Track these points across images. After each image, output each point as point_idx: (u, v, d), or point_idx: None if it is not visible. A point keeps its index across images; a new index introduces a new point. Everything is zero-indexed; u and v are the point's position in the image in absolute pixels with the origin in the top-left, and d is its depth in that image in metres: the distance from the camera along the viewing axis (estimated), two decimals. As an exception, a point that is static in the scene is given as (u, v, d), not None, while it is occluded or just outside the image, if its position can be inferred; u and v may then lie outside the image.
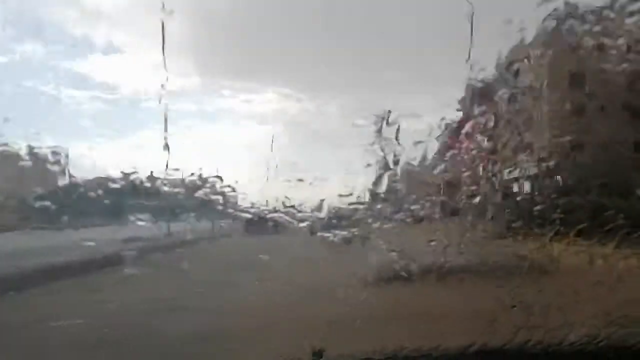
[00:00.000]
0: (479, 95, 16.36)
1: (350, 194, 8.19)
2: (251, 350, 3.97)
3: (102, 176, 10.29)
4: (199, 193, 9.51)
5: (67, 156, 15.38)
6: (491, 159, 15.27)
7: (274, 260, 8.15)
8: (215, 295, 7.10)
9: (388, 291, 6.59)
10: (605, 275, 4.48)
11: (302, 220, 7.89)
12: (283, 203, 9.02)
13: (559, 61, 15.92)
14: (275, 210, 9.07)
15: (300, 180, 7.97)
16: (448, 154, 13.66)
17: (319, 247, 8.95)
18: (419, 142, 9.07)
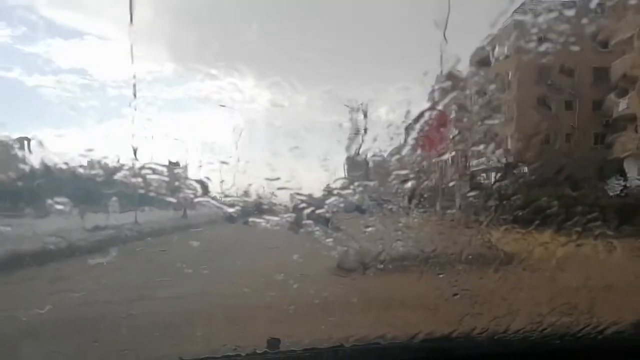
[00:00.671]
0: (449, 87, 16.51)
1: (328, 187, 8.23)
2: (208, 338, 4.00)
3: (69, 164, 10.11)
4: (174, 184, 9.47)
5: (30, 143, 15.10)
6: (452, 151, 15.48)
7: (235, 251, 8.16)
8: (181, 284, 7.09)
9: (331, 281, 6.67)
10: (545, 262, 4.61)
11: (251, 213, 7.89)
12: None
13: (525, 55, 16.21)
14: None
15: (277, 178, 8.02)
16: (415, 146, 13.74)
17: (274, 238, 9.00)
18: (392, 137, 9.17)
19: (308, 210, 10.40)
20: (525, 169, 14.36)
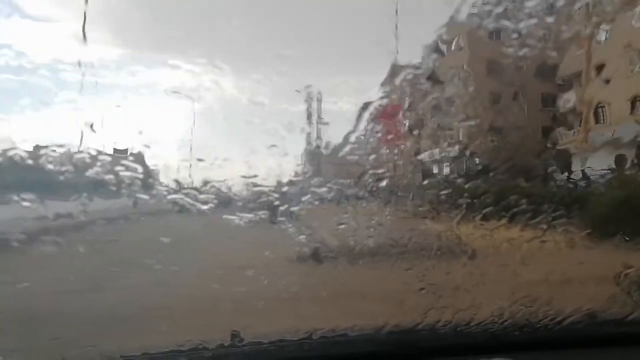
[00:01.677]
0: (402, 78, 16.66)
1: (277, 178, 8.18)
2: (166, 331, 3.91)
3: (15, 150, 9.69)
4: (116, 170, 9.16)
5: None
6: (405, 142, 15.70)
7: (188, 241, 8.03)
8: (131, 274, 6.94)
9: (300, 273, 6.66)
10: (510, 257, 4.75)
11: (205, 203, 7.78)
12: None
13: (477, 48, 16.51)
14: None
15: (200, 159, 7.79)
16: (369, 136, 13.87)
17: (233, 230, 8.90)
18: (348, 131, 9.15)
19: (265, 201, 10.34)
20: (476, 160, 14.70)
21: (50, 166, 8.88)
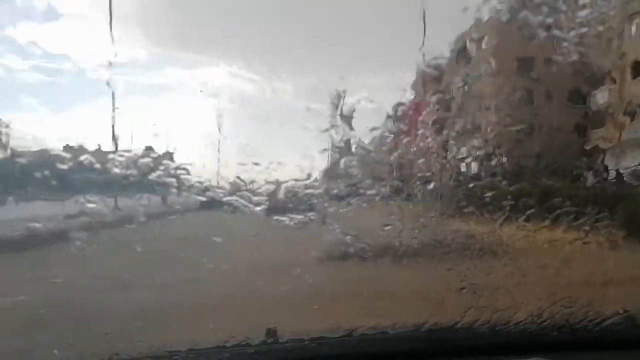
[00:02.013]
0: (433, 78, 16.55)
1: (307, 178, 8.22)
2: (201, 328, 3.95)
3: (45, 150, 9.92)
4: (152, 175, 9.35)
5: (7, 128, 14.83)
6: (443, 142, 15.58)
7: (227, 240, 8.10)
8: (164, 273, 7.03)
9: (343, 272, 6.71)
10: (552, 258, 4.71)
11: (257, 204, 7.87)
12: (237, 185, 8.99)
13: (509, 48, 16.31)
14: (232, 193, 9.02)
15: (256, 163, 7.94)
16: (402, 137, 13.84)
17: (274, 229, 8.97)
18: (374, 128, 9.19)
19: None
20: (509, 160, 14.51)
21: (80, 164, 8.99)
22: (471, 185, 8.98)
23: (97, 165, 9.09)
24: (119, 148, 8.61)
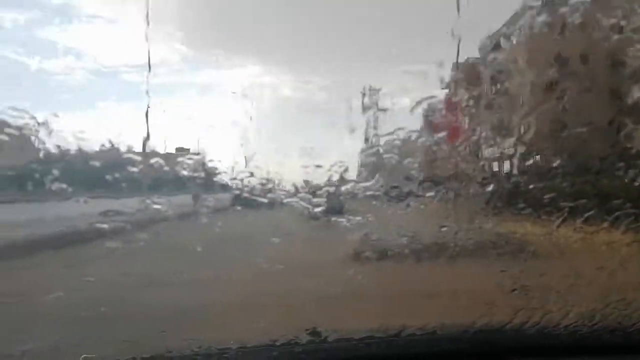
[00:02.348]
0: (466, 74, 16.34)
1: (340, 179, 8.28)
2: (240, 327, 3.94)
3: (81, 149, 10.10)
4: (196, 174, 9.54)
5: (42, 127, 15.11)
6: (484, 142, 15.36)
7: (264, 238, 8.15)
8: (199, 270, 7.07)
9: (393, 272, 6.73)
10: (608, 260, 4.60)
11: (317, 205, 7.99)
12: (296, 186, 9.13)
13: (542, 41, 15.98)
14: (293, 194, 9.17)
15: (319, 166, 8.08)
16: (438, 134, 13.71)
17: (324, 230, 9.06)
18: (399, 128, 9.15)
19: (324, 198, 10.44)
20: (538, 158, 14.23)
21: (115, 163, 9.19)
22: (530, 186, 8.86)
23: (132, 165, 9.22)
24: (153, 148, 8.74)
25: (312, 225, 8.99)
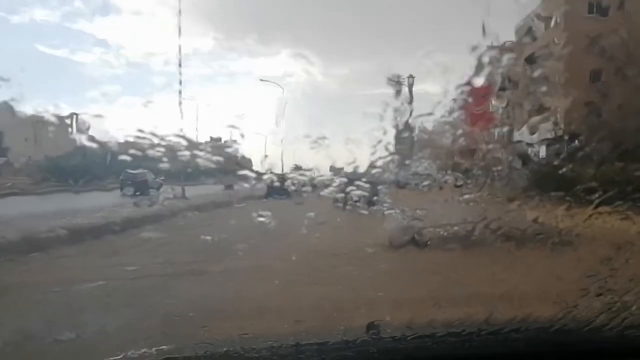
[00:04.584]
0: (498, 60, 15.99)
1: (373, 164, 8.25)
2: (280, 319, 3.93)
3: (117, 140, 10.23)
4: (229, 164, 9.66)
5: (79, 120, 15.40)
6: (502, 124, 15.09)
7: (297, 226, 8.15)
8: (236, 259, 7.11)
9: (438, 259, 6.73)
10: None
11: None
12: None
13: (576, 23, 15.58)
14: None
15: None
16: (468, 119, 13.49)
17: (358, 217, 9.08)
18: (429, 114, 9.05)
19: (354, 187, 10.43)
20: (576, 142, 13.90)
21: (148, 154, 9.24)
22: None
23: (166, 156, 9.33)
24: (187, 138, 8.85)
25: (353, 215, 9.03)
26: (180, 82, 15.36)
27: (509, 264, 6.12)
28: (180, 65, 16.04)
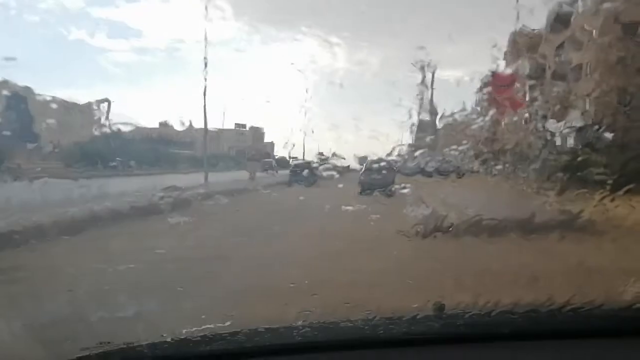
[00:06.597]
0: (526, 47, 15.75)
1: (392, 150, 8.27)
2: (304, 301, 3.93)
3: (140, 126, 10.34)
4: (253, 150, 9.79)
5: (108, 106, 15.60)
6: (539, 112, 14.87)
7: (319, 212, 8.19)
8: (262, 244, 7.14)
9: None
10: None
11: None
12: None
13: (610, 9, 15.21)
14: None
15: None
16: (486, 107, 13.39)
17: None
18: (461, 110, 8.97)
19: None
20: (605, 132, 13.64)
21: (173, 140, 9.37)
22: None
23: (190, 141, 9.36)
24: (211, 124, 8.91)
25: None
26: (206, 65, 15.45)
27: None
28: (205, 51, 16.16)
